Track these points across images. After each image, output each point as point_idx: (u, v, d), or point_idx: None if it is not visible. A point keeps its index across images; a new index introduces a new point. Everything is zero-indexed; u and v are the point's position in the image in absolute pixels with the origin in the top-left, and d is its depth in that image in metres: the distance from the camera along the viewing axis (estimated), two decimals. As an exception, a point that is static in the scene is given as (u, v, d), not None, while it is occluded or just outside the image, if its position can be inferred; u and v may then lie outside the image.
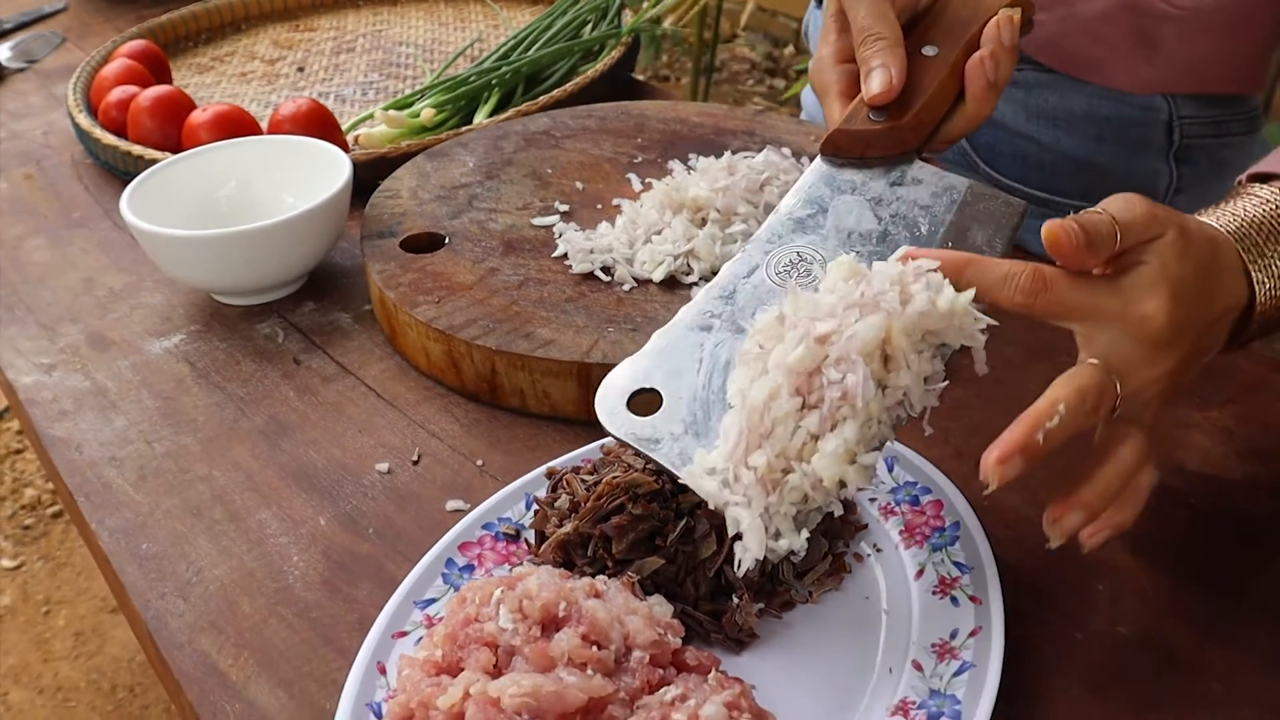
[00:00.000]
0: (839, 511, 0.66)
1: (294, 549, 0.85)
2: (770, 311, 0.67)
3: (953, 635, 0.70)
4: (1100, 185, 1.11)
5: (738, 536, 0.69)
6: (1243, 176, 0.78)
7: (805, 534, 0.64)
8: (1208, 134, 1.15)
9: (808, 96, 1.49)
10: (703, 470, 0.65)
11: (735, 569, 0.65)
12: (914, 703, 0.67)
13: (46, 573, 2.52)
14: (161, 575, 0.84)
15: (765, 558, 0.64)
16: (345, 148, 1.30)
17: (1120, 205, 0.67)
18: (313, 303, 1.13)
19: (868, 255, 0.72)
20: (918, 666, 0.69)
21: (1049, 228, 0.64)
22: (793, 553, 0.65)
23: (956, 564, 0.75)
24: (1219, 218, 0.73)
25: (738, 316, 0.71)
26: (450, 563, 0.77)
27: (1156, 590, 0.78)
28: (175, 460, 0.95)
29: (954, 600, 0.72)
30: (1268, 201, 0.73)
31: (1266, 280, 0.71)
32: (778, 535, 0.64)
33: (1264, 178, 0.76)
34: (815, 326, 0.64)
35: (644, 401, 0.69)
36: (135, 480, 0.93)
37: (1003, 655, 0.68)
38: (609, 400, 0.69)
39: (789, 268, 0.72)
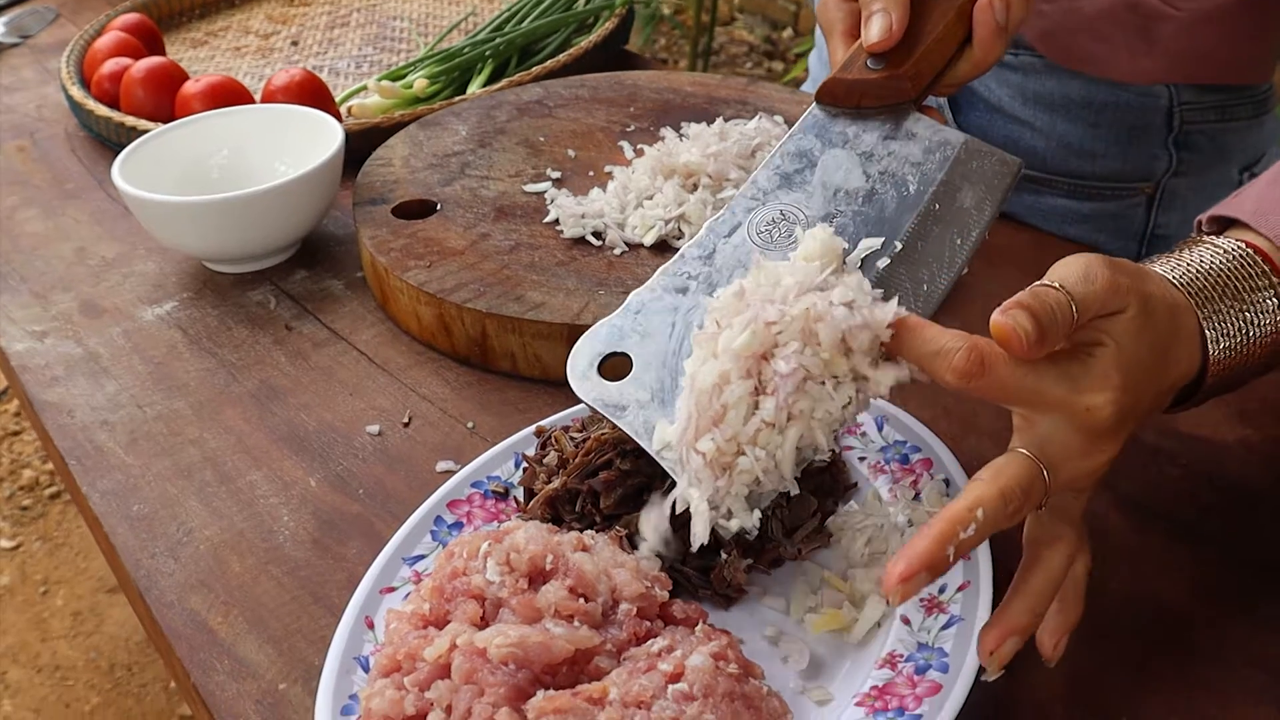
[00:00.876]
0: (794, 490, 0.65)
1: (284, 509, 0.85)
2: (731, 286, 0.65)
3: (941, 590, 0.70)
4: (1094, 169, 1.10)
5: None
6: (1202, 218, 0.73)
7: (758, 513, 0.64)
8: (1211, 119, 1.11)
9: (814, 60, 1.45)
10: (661, 443, 0.65)
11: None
12: (901, 655, 0.67)
13: (45, 553, 2.53)
14: (152, 536, 0.84)
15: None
16: (338, 118, 1.30)
17: (1077, 277, 0.60)
18: (305, 270, 1.13)
19: (852, 215, 0.71)
20: (905, 621, 0.69)
21: (996, 324, 0.58)
22: (745, 530, 0.64)
23: (945, 520, 0.74)
24: (1175, 269, 0.67)
25: (714, 278, 0.69)
26: (439, 520, 0.77)
27: (1146, 548, 0.78)
28: (166, 424, 0.95)
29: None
30: (1228, 254, 0.67)
31: (1221, 339, 0.65)
32: (729, 515, 0.64)
33: (1225, 221, 0.71)
34: (766, 310, 0.62)
35: (617, 364, 0.69)
36: (126, 443, 0.93)
37: (990, 610, 0.68)
38: (579, 364, 0.68)
39: (770, 226, 0.71)
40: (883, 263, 0.68)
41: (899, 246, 0.68)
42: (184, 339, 1.05)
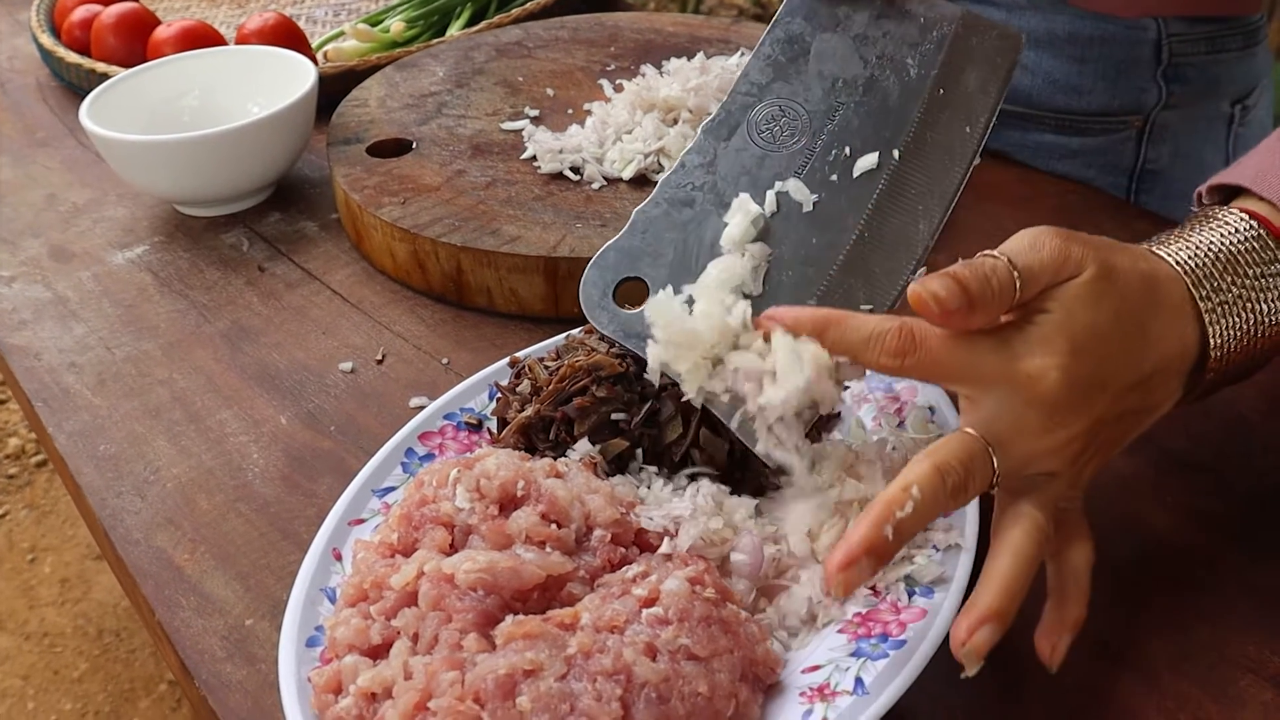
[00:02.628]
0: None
1: (254, 447, 0.83)
2: None
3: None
4: (1082, 104, 1.08)
5: (704, 420, 0.68)
6: (1202, 188, 0.68)
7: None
8: (1201, 51, 1.08)
9: None
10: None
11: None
12: (884, 588, 0.64)
13: (31, 521, 2.51)
14: (119, 475, 0.82)
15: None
16: (314, 61, 1.27)
17: (1024, 246, 0.57)
18: (278, 213, 1.11)
19: (854, 108, 0.68)
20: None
21: (911, 292, 0.55)
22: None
23: (930, 448, 0.72)
24: (1172, 249, 0.62)
25: (720, 186, 0.66)
26: (410, 452, 0.75)
27: (1139, 479, 0.76)
28: (135, 365, 0.92)
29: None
30: (1234, 232, 0.62)
31: (1222, 319, 0.61)
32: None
33: (1228, 192, 0.67)
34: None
35: (630, 289, 0.66)
36: (94, 385, 0.91)
37: (977, 536, 0.66)
38: (593, 294, 0.64)
39: (771, 124, 0.68)
40: (893, 162, 0.66)
41: (897, 155, 0.66)
42: (154, 282, 1.03)
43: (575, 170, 1.01)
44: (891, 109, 0.67)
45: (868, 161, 0.65)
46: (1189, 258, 0.61)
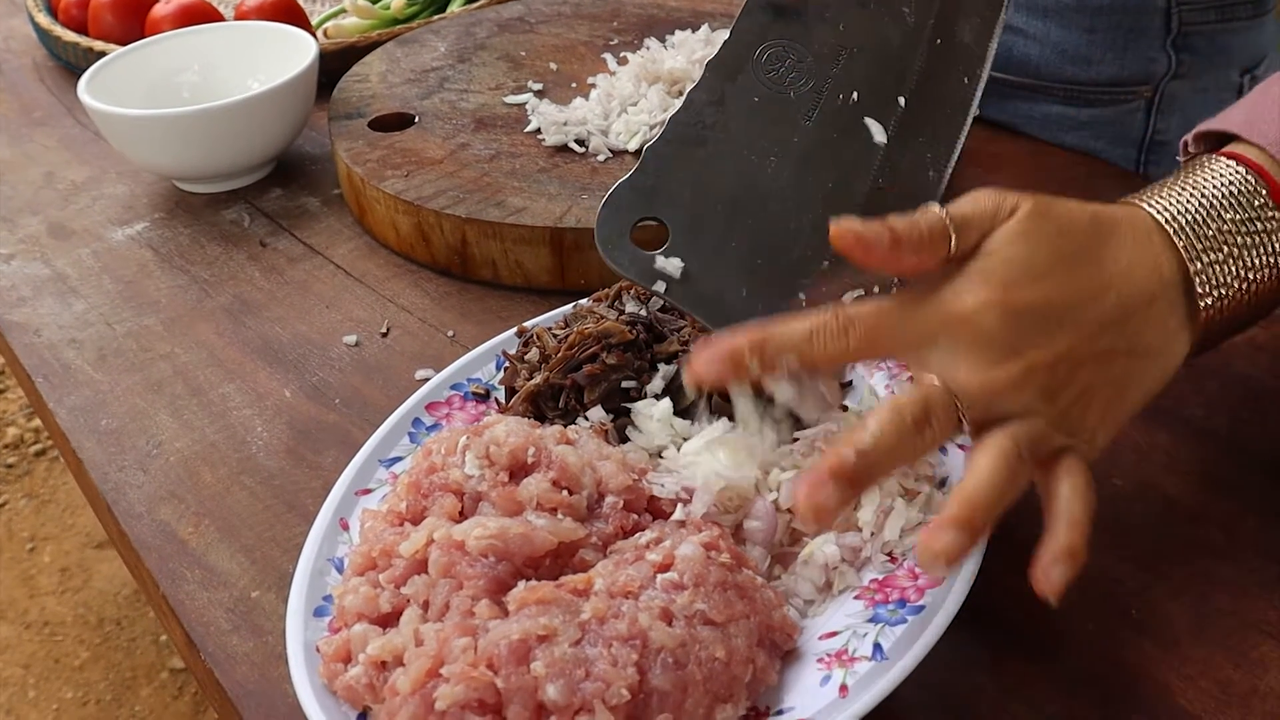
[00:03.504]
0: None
1: (258, 420, 0.82)
2: None
3: (942, 484, 0.67)
4: (1091, 74, 1.07)
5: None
6: (1189, 136, 0.66)
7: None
8: (1210, 19, 1.06)
9: None
10: None
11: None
12: (900, 555, 0.64)
13: (31, 510, 2.50)
14: (121, 449, 0.81)
15: None
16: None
17: (961, 200, 0.57)
18: (280, 189, 1.10)
19: (856, 53, 0.66)
20: (904, 516, 0.66)
21: (835, 227, 0.55)
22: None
23: (945, 414, 0.71)
24: (1152, 198, 0.61)
25: (731, 125, 0.65)
26: (417, 422, 0.74)
27: (1153, 445, 0.75)
28: (137, 340, 0.91)
29: (943, 449, 0.69)
30: (1220, 175, 0.60)
31: (1210, 266, 0.58)
32: None
33: (1218, 139, 0.64)
34: None
35: (643, 232, 0.64)
36: (95, 360, 0.90)
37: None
38: (609, 234, 0.62)
39: (777, 64, 0.67)
40: (899, 110, 0.65)
41: (903, 104, 0.65)
42: (155, 258, 1.02)
43: (580, 143, 1.00)
44: (893, 56, 0.66)
45: (874, 108, 0.64)
46: (1170, 204, 0.60)
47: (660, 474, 0.65)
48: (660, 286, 0.63)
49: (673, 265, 0.63)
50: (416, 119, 1.06)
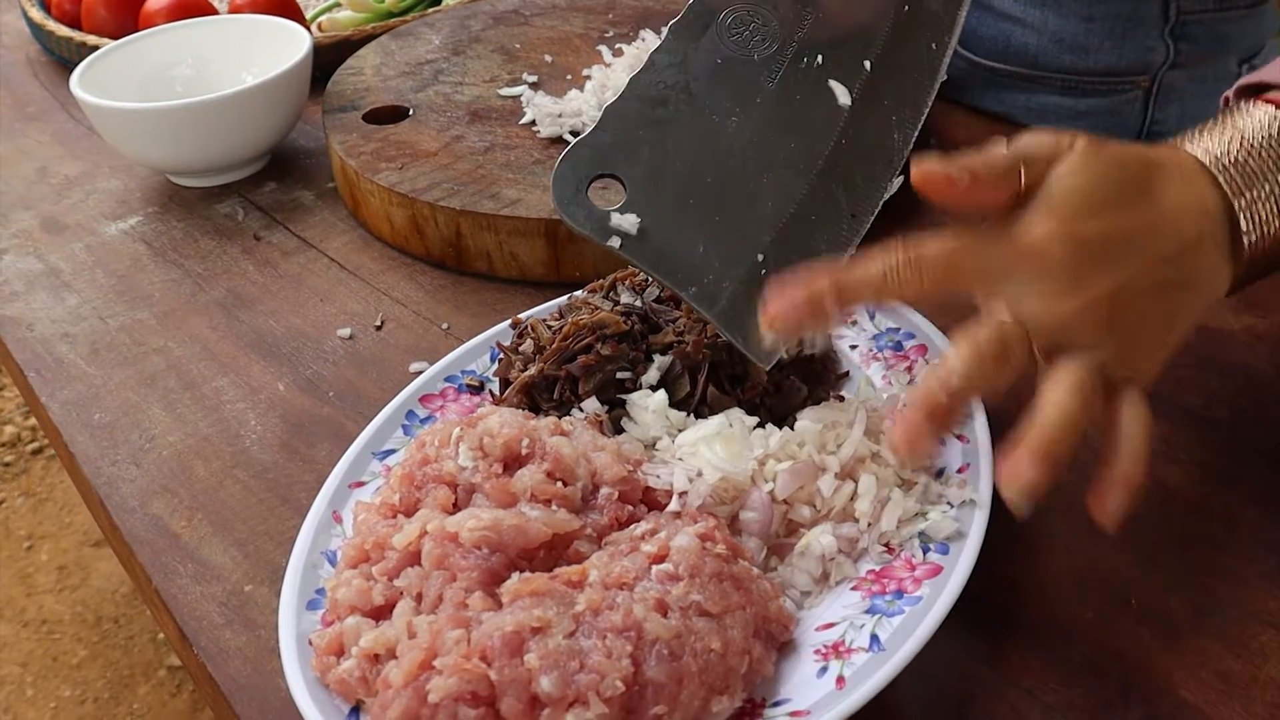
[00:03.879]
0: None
1: (251, 414, 0.81)
2: None
3: (939, 475, 0.66)
4: (1088, 64, 1.06)
5: (713, 377, 0.67)
6: (1229, 92, 0.66)
7: None
8: (1208, 8, 1.06)
9: None
10: None
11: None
12: (898, 545, 0.63)
13: (28, 508, 2.49)
14: (114, 443, 0.80)
15: None
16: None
17: (1023, 137, 0.58)
18: (274, 183, 1.09)
19: (822, 18, 0.66)
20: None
21: (919, 169, 0.55)
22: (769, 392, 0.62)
23: (942, 405, 0.71)
24: (1192, 141, 0.62)
25: (693, 87, 0.64)
26: (411, 414, 0.73)
27: (1154, 436, 0.74)
28: (130, 334, 0.91)
29: (940, 440, 0.69)
30: (1260, 119, 0.61)
31: (1254, 204, 0.59)
32: None
33: (1257, 89, 0.64)
34: None
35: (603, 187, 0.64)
36: (88, 354, 0.89)
37: (991, 492, 0.64)
38: (565, 190, 0.62)
39: (741, 28, 0.66)
40: (864, 73, 0.64)
41: (869, 67, 0.64)
42: (148, 252, 1.01)
43: (575, 134, 0.99)
44: (860, 21, 0.66)
45: (839, 71, 0.64)
46: (1212, 146, 0.61)
47: (655, 465, 0.65)
48: (616, 243, 0.62)
49: (629, 222, 0.63)
50: (411, 112, 1.06)
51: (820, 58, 0.66)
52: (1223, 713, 0.58)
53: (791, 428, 0.66)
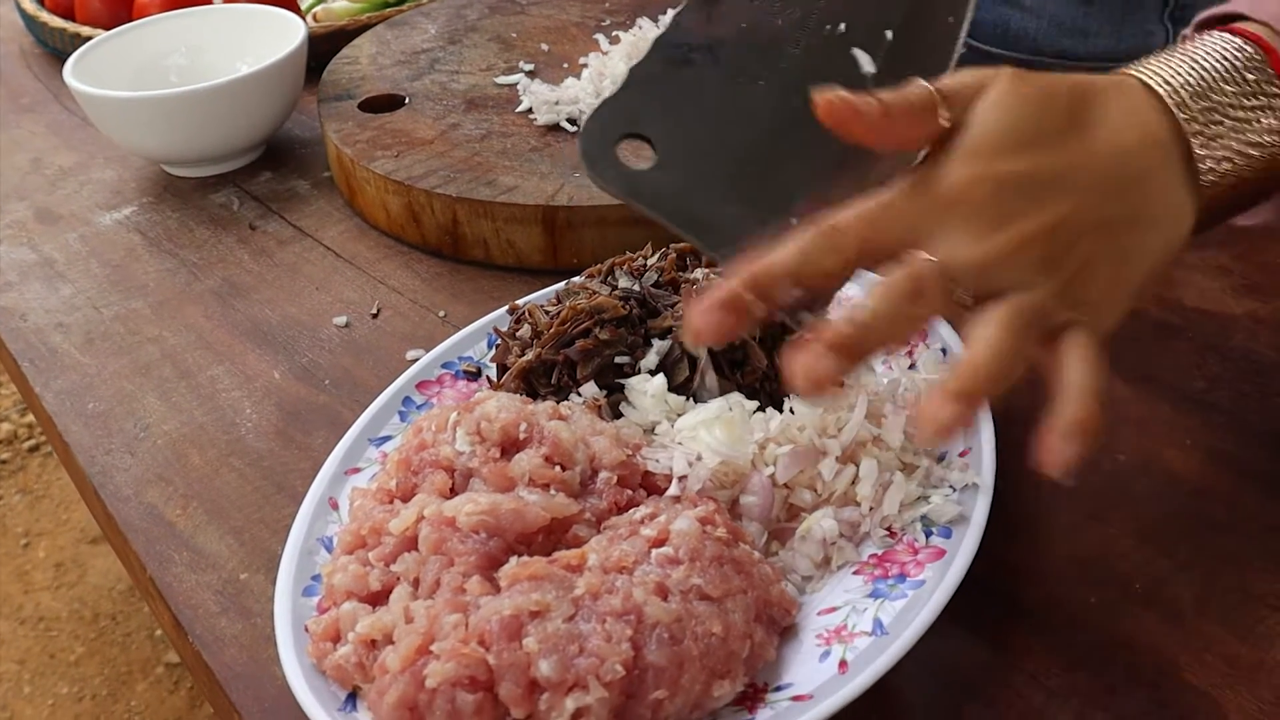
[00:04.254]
0: None
1: (247, 402, 0.81)
2: None
3: (941, 458, 0.66)
4: (1087, 48, 1.05)
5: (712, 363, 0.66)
6: (1188, 28, 0.62)
7: None
8: None
9: None
10: None
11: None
12: (900, 529, 0.62)
13: (25, 506, 2.48)
14: (108, 432, 0.79)
15: None
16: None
17: (945, 76, 0.55)
18: (269, 172, 1.09)
19: None
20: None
21: (822, 98, 0.53)
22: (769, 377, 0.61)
23: (943, 389, 0.70)
24: (1145, 67, 0.58)
25: (718, 50, 0.63)
26: (408, 401, 0.73)
27: (1155, 419, 0.74)
28: (124, 323, 0.90)
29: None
30: (1219, 46, 0.57)
31: (1206, 130, 0.56)
32: None
33: (1222, 20, 0.61)
34: None
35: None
36: (82, 344, 0.88)
37: (994, 475, 0.64)
38: (592, 147, 0.59)
39: None
40: (886, 42, 0.63)
41: (890, 37, 0.64)
42: (143, 241, 1.01)
43: (572, 121, 0.99)
44: None
45: (862, 39, 0.63)
46: (1162, 70, 0.57)
47: (655, 450, 0.64)
48: (647, 204, 0.59)
49: (660, 182, 0.60)
50: (407, 100, 1.05)
51: (843, 25, 0.65)
52: (1228, 697, 0.57)
53: (793, 411, 0.65)
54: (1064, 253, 0.53)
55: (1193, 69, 0.57)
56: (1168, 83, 0.56)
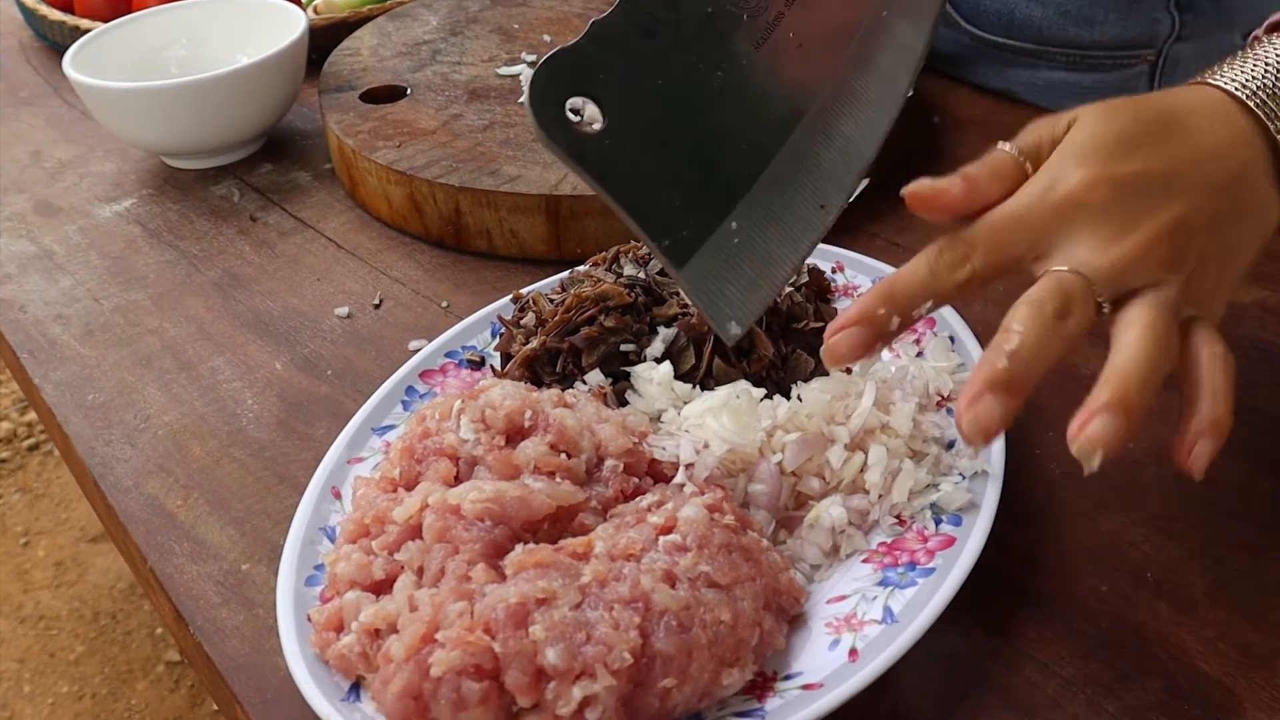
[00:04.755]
0: None
1: (248, 393, 0.80)
2: None
3: (950, 446, 0.65)
4: (1093, 36, 1.04)
5: (718, 349, 0.65)
6: (1259, 30, 0.64)
7: None
8: None
9: None
10: None
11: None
12: (909, 517, 0.62)
13: (24, 505, 2.48)
14: (108, 424, 0.79)
15: None
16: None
17: (1021, 134, 0.57)
18: (270, 164, 1.08)
19: None
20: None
21: (909, 191, 0.55)
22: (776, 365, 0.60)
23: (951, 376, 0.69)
24: (1220, 74, 0.60)
25: (680, 30, 0.61)
26: (411, 390, 0.72)
27: (1164, 408, 0.72)
28: (124, 315, 0.89)
29: (949, 412, 0.67)
30: None
31: None
32: None
33: None
34: None
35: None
36: (81, 335, 0.88)
37: (1004, 462, 0.63)
38: (545, 102, 0.56)
39: None
40: (845, 58, 0.62)
41: (847, 57, 0.63)
42: (143, 233, 1.00)
43: (575, 112, 0.97)
44: (841, 13, 0.63)
45: (820, 53, 0.62)
46: (1239, 76, 0.59)
47: (661, 437, 0.63)
48: (589, 171, 0.57)
49: (608, 152, 0.58)
50: (409, 91, 1.04)
51: (805, 38, 0.63)
52: (1242, 685, 0.56)
53: (800, 399, 0.65)
54: (1185, 249, 0.54)
55: (1267, 71, 0.58)
56: (1245, 86, 0.58)
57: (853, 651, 0.54)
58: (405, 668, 0.51)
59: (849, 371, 0.66)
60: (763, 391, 0.66)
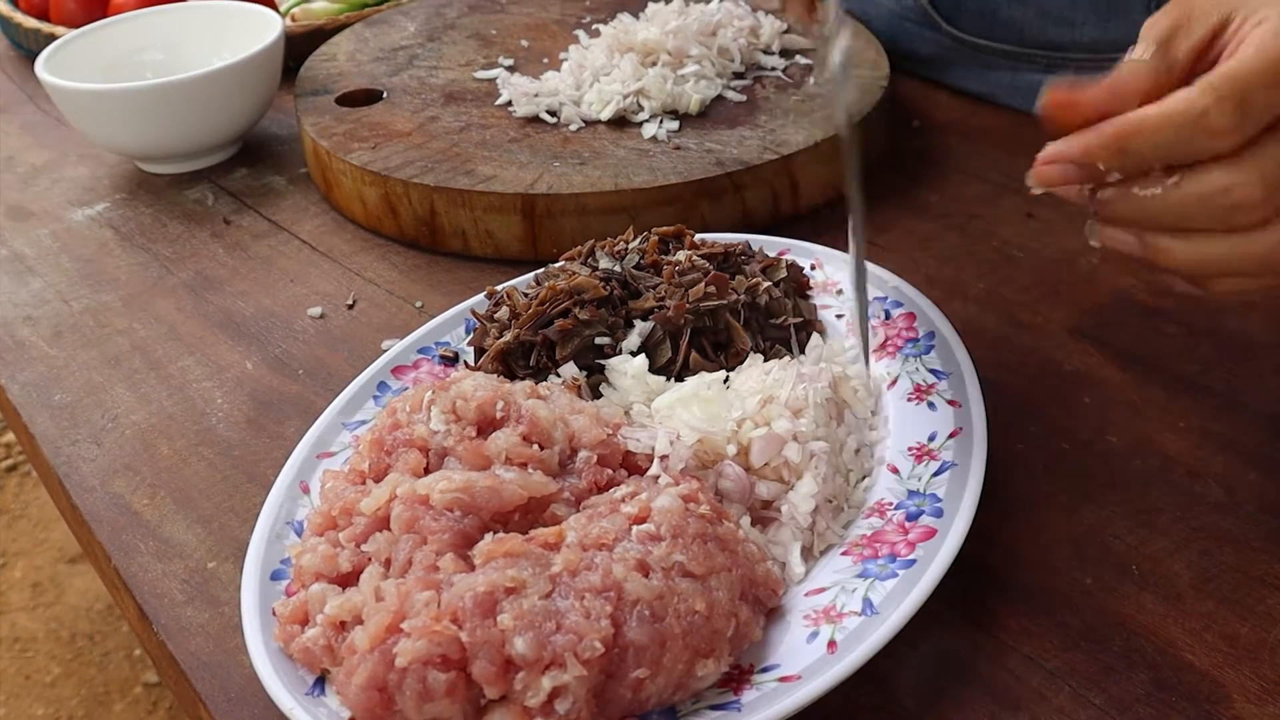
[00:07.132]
0: None
1: (218, 392, 0.78)
2: None
3: (931, 438, 0.64)
4: (1073, 37, 1.04)
5: (695, 343, 0.65)
6: None
7: None
8: None
9: None
10: None
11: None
12: (891, 504, 0.61)
13: (2, 526, 2.45)
14: (74, 423, 0.77)
15: None
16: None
17: (1146, 27, 0.53)
18: (245, 169, 1.07)
19: None
20: (893, 470, 0.63)
21: (1044, 104, 0.51)
22: None
23: (932, 370, 0.68)
24: None
25: None
26: (383, 385, 0.71)
27: (1147, 402, 0.72)
28: (94, 316, 0.88)
29: (931, 405, 0.66)
30: None
31: None
32: None
33: None
34: None
35: None
36: (50, 336, 0.86)
37: (985, 454, 0.62)
38: None
39: None
40: None
41: None
42: (115, 237, 0.99)
43: (552, 113, 0.97)
44: None
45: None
46: None
47: (635, 429, 0.62)
48: None
49: None
50: (385, 95, 1.03)
51: None
52: (1230, 676, 0.55)
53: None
54: None
55: None
56: None
57: (831, 643, 0.53)
58: (369, 658, 0.50)
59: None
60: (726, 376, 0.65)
